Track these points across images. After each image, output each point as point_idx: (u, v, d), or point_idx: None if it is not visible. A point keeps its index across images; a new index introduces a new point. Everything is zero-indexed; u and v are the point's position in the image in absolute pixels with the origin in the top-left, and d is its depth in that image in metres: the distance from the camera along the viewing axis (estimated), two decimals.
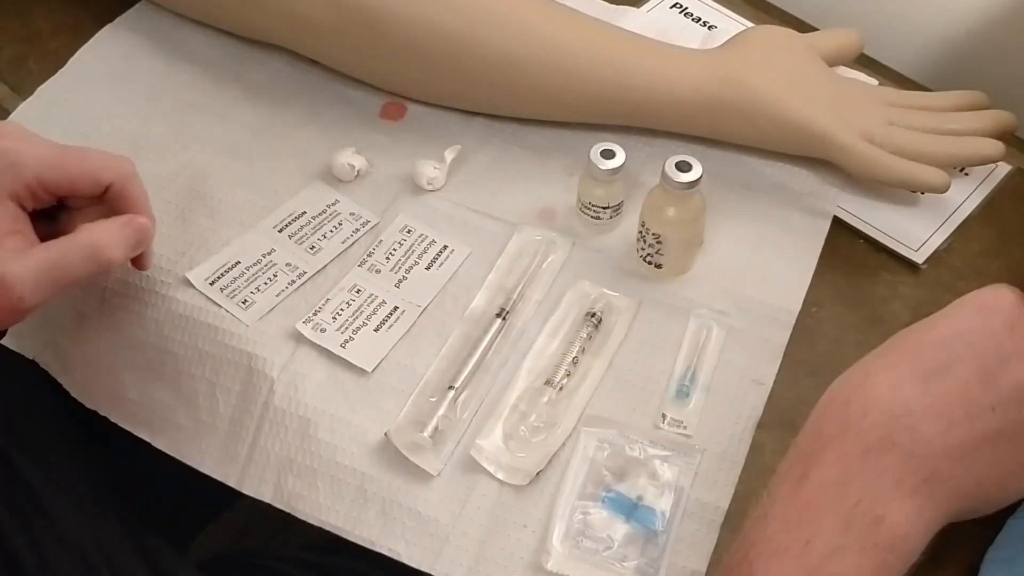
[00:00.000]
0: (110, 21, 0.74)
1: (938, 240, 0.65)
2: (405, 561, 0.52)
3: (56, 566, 0.62)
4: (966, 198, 0.66)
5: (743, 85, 0.63)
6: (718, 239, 0.63)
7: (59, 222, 0.56)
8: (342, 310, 0.59)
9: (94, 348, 0.63)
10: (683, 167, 0.57)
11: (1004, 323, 0.48)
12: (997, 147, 0.64)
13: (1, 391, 0.71)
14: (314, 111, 0.69)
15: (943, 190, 0.63)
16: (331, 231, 0.63)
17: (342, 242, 0.63)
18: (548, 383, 0.56)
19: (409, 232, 0.63)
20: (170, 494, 0.79)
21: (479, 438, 0.54)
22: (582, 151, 0.62)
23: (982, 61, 0.77)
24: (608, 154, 0.60)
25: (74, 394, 0.64)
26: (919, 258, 0.64)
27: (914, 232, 0.65)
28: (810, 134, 0.63)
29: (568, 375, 0.57)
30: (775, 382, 0.58)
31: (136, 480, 0.71)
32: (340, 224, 0.64)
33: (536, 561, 0.51)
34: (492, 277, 0.62)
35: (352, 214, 0.64)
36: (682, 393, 0.56)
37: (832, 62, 0.68)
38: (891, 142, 0.64)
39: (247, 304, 0.59)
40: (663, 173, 0.58)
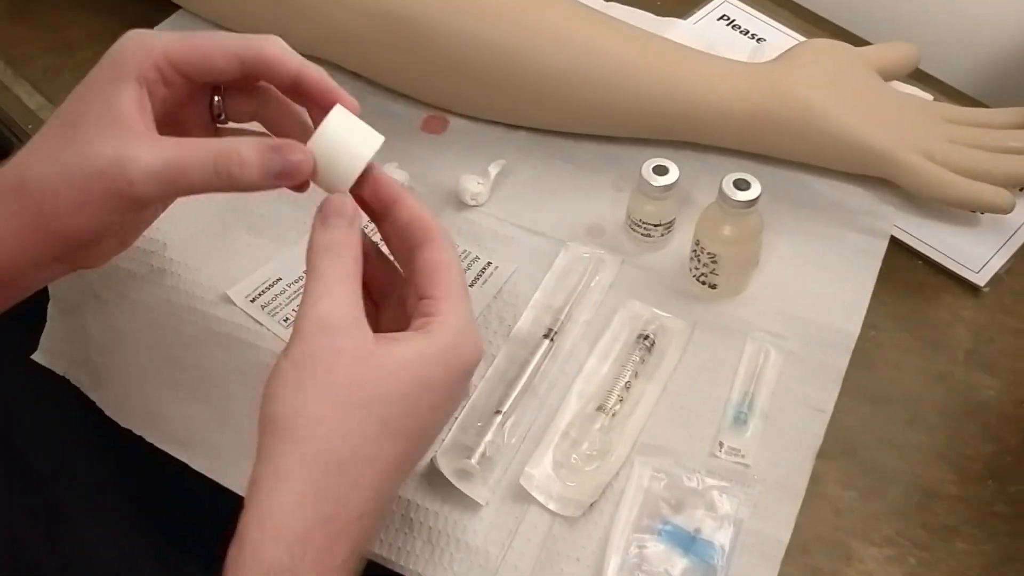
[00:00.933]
0: None
1: (999, 261, 0.63)
2: None
3: None
4: None
5: (797, 99, 0.61)
6: (773, 258, 0.61)
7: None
8: None
9: (130, 365, 0.61)
10: (741, 185, 0.55)
11: None
12: None
13: (29, 404, 0.70)
14: None
15: (1008, 210, 0.61)
16: None
17: None
18: (600, 409, 0.54)
19: None
20: (198, 510, 0.78)
21: (528, 466, 0.52)
22: (630, 165, 0.61)
23: None
24: (661, 170, 0.58)
25: (107, 411, 0.62)
26: (980, 280, 0.62)
27: (974, 253, 0.63)
28: (869, 152, 0.61)
29: (620, 400, 0.55)
30: (835, 409, 0.56)
31: (163, 495, 0.70)
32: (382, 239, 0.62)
33: None
34: (539, 296, 0.60)
35: None
36: (739, 420, 0.54)
37: (888, 76, 0.66)
38: (952, 160, 0.61)
39: (288, 322, 0.57)
40: (720, 191, 0.56)
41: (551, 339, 0.57)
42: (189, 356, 0.58)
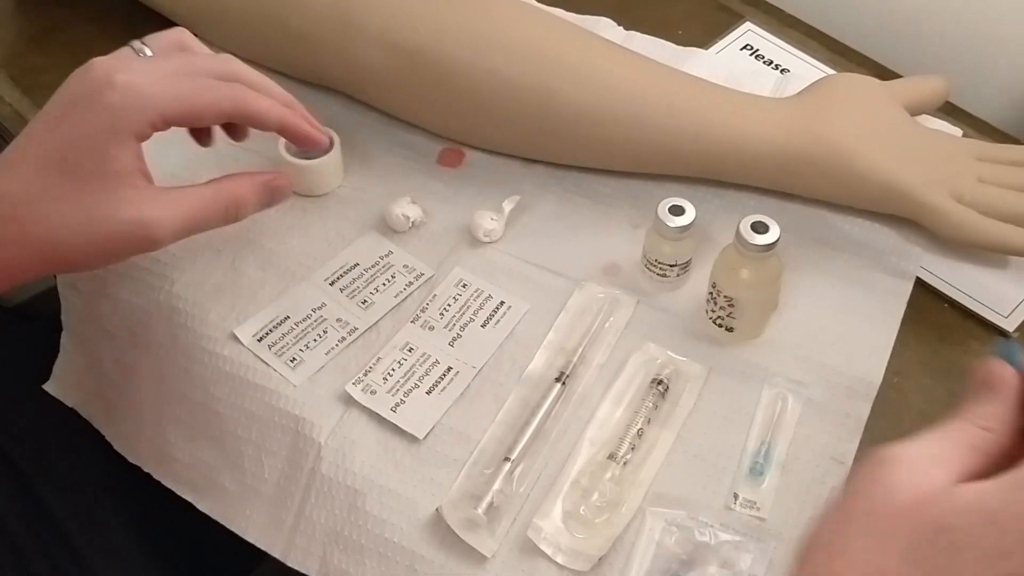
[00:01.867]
0: None
1: None
2: None
3: None
4: None
5: (826, 140, 0.60)
6: (793, 299, 0.60)
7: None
8: (393, 370, 0.56)
9: (139, 402, 0.60)
10: (759, 228, 0.54)
11: None
12: None
13: (42, 437, 0.69)
14: (369, 156, 0.66)
15: None
16: (384, 284, 0.61)
17: (395, 296, 0.60)
18: (611, 457, 0.53)
19: (465, 286, 0.60)
20: (208, 545, 0.77)
21: (537, 516, 0.51)
22: (648, 201, 0.59)
23: None
24: (677, 210, 0.57)
25: (117, 448, 0.62)
26: (1009, 325, 0.60)
27: (1004, 296, 0.61)
28: (897, 193, 0.60)
29: (633, 448, 0.53)
30: (855, 460, 0.54)
31: (174, 530, 0.69)
32: (393, 277, 0.61)
33: None
34: (552, 337, 0.58)
35: (406, 266, 0.61)
36: (756, 471, 0.53)
37: (915, 111, 0.64)
38: (982, 201, 0.59)
39: (295, 363, 0.57)
40: (737, 233, 0.54)
41: (563, 382, 0.56)
42: (198, 395, 0.57)
